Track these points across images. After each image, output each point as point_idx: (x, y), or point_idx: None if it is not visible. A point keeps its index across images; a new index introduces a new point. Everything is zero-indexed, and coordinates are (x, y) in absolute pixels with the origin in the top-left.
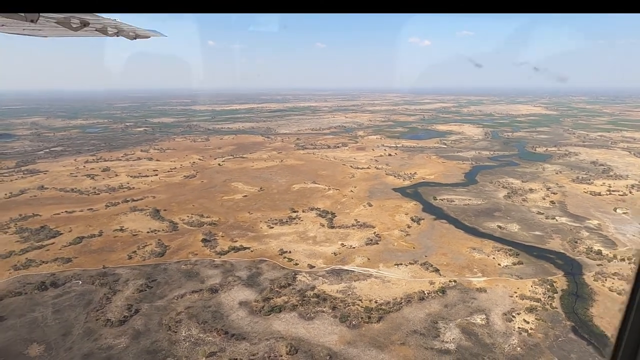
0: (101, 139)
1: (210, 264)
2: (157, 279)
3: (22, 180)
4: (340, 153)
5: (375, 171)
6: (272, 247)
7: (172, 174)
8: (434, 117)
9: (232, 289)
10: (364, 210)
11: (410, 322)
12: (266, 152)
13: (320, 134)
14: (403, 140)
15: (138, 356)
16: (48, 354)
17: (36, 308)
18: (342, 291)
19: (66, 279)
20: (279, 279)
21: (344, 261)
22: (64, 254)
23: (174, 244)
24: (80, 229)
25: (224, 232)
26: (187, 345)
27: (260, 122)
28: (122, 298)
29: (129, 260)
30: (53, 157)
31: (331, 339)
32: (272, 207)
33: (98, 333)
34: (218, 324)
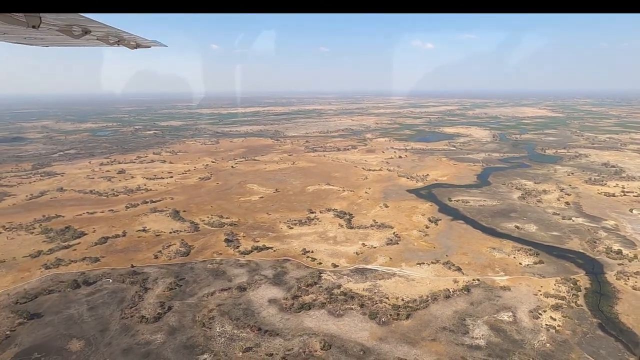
0: (113, 142)
1: (235, 263)
2: (185, 277)
3: (41, 182)
4: (351, 155)
5: (388, 173)
6: (294, 246)
7: (187, 176)
8: (440, 119)
9: (260, 287)
10: (380, 211)
11: (438, 319)
12: (277, 154)
13: (328, 137)
14: (412, 143)
15: (176, 351)
16: (88, 349)
17: (71, 305)
18: (368, 289)
19: (96, 277)
20: (305, 277)
21: (367, 260)
22: (91, 253)
23: (197, 244)
24: (104, 230)
25: (245, 232)
26: (222, 341)
27: (268, 125)
28: (154, 296)
29: (156, 260)
30: (68, 159)
31: (362, 335)
32: (290, 208)
33: (134, 329)
34: (250, 321)
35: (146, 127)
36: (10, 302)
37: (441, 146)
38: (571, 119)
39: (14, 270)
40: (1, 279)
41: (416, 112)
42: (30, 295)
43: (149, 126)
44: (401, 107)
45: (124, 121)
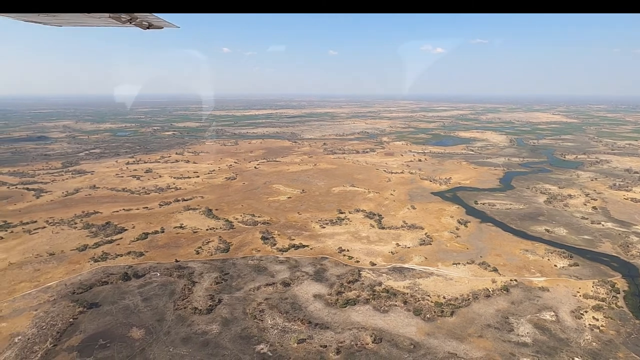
0: (134, 142)
1: (274, 260)
2: (229, 272)
3: (73, 180)
4: (370, 158)
5: (410, 176)
6: (329, 245)
7: (213, 176)
8: (453, 124)
9: (303, 283)
10: (408, 212)
11: (482, 316)
12: (297, 156)
13: (345, 140)
14: (429, 146)
15: (233, 341)
16: (149, 337)
17: (125, 296)
18: (409, 287)
19: (144, 270)
20: (345, 274)
21: (403, 260)
22: (134, 248)
23: (235, 241)
24: (143, 226)
25: (279, 231)
26: (275, 332)
27: (283, 127)
28: (202, 289)
29: (197, 255)
30: (94, 158)
31: (410, 330)
32: (318, 208)
33: (190, 320)
34: (299, 314)
35: (164, 128)
36: (68, 292)
37: (459, 150)
38: (587, 125)
39: (65, 262)
40: (54, 270)
41: (428, 116)
42: (85, 286)
43: (167, 127)
44: (413, 111)
45: (141, 122)
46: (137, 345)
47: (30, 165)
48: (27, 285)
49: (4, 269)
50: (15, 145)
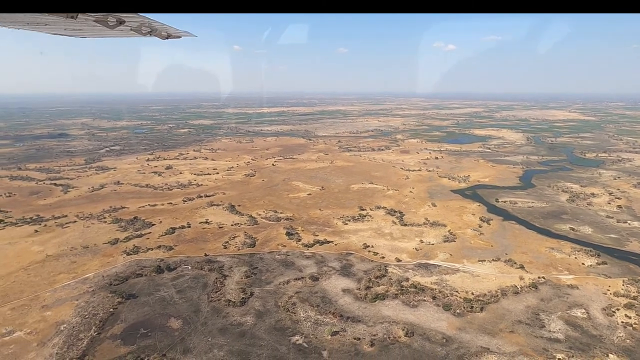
0: (152, 139)
1: (301, 255)
2: (257, 266)
3: (97, 176)
4: (386, 155)
5: (428, 173)
6: (353, 241)
7: (232, 173)
8: (467, 121)
9: (331, 277)
10: (429, 210)
11: (511, 313)
12: (313, 153)
13: (359, 137)
14: (445, 144)
15: (268, 332)
16: (188, 328)
17: (160, 288)
18: (436, 283)
19: (176, 264)
20: (372, 270)
21: (428, 256)
22: (163, 242)
23: (260, 236)
24: (169, 221)
25: (303, 227)
26: (309, 324)
27: (296, 124)
28: (233, 282)
29: (225, 250)
30: (115, 155)
31: (441, 324)
32: (339, 205)
33: (224, 311)
34: (330, 308)
35: (179, 125)
36: (105, 284)
37: (475, 148)
38: (605, 123)
39: (99, 255)
40: (90, 263)
41: (441, 113)
42: (121, 278)
43: (182, 125)
44: (425, 109)
45: (156, 119)
46: (177, 334)
47: (54, 161)
48: (65, 276)
49: (42, 261)
50: (38, 142)
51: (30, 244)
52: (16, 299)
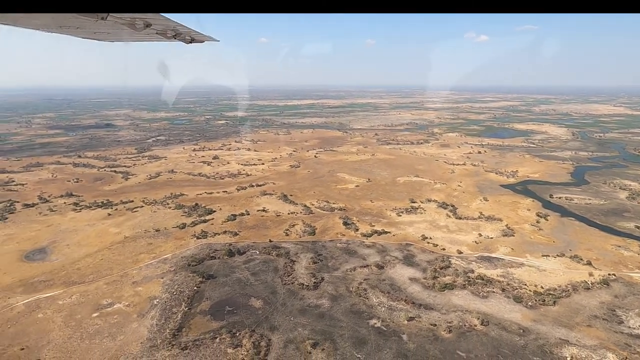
0: (193, 130)
1: (361, 244)
2: (321, 253)
3: (151, 164)
4: (426, 149)
5: (473, 168)
6: (410, 233)
7: (277, 164)
8: (505, 116)
9: (395, 266)
10: (482, 204)
11: (586, 308)
12: (352, 146)
13: (395, 130)
14: (485, 139)
15: (345, 315)
16: (269, 307)
17: (235, 270)
18: (502, 276)
19: (244, 248)
20: (434, 261)
21: (489, 249)
22: (227, 228)
23: (318, 225)
24: (228, 208)
25: (357, 217)
26: (383, 309)
27: (329, 117)
28: (302, 267)
29: (287, 237)
30: (162, 145)
31: (514, 316)
32: (389, 197)
33: (300, 294)
34: (401, 295)
35: (215, 117)
36: (184, 264)
37: (518, 143)
38: None
39: (171, 238)
40: (165, 245)
41: (476, 107)
42: (197, 259)
43: (218, 116)
44: (457, 102)
45: (192, 111)
46: (260, 313)
47: (108, 150)
48: (146, 256)
49: (122, 242)
50: (89, 131)
51: (107, 226)
52: (107, 275)
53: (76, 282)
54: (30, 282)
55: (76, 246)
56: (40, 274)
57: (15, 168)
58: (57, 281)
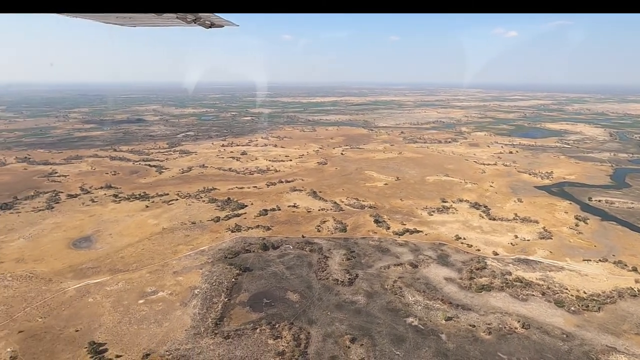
0: (220, 126)
1: (393, 242)
2: (354, 250)
3: (182, 159)
4: (455, 148)
5: (505, 168)
6: (443, 232)
7: (304, 160)
8: (536, 115)
9: (429, 266)
10: (516, 205)
11: (633, 315)
12: (378, 144)
13: (421, 129)
14: (516, 138)
15: (382, 312)
16: (305, 301)
17: (270, 264)
18: (542, 279)
19: (277, 243)
20: (469, 261)
21: (526, 252)
22: (260, 222)
23: (349, 222)
24: (259, 203)
25: (388, 215)
26: (419, 308)
27: (353, 114)
28: (335, 263)
29: (319, 233)
30: (192, 140)
31: (557, 320)
32: (419, 196)
33: (335, 290)
34: (437, 294)
35: (240, 113)
36: (221, 256)
37: (551, 143)
38: None
39: (207, 230)
40: (201, 237)
41: (504, 105)
42: (233, 252)
43: (243, 113)
44: (484, 100)
45: (218, 107)
46: (297, 306)
47: (141, 144)
48: (184, 247)
49: (161, 233)
50: (122, 126)
51: (146, 217)
52: (149, 264)
53: (121, 270)
54: (79, 268)
55: (118, 236)
56: (87, 261)
57: (57, 160)
58: (104, 268)
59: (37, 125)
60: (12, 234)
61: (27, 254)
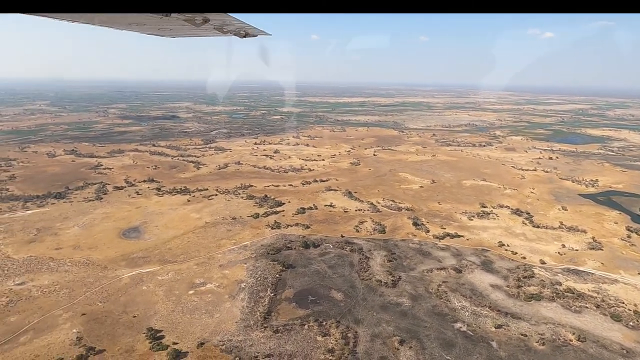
0: (251, 124)
1: (434, 246)
2: (395, 252)
3: (217, 155)
4: (490, 152)
5: (546, 174)
6: (485, 238)
7: (337, 160)
8: (574, 119)
9: (474, 271)
10: (560, 213)
11: None
12: (410, 146)
13: (453, 131)
14: (555, 144)
15: (428, 315)
16: (350, 301)
17: (312, 262)
18: (595, 291)
19: (317, 241)
20: (515, 269)
21: (575, 262)
22: (298, 220)
23: (387, 224)
24: (296, 202)
25: (426, 218)
26: (467, 314)
27: (382, 115)
28: (377, 264)
29: (358, 233)
30: (225, 137)
31: (614, 335)
32: (456, 200)
33: (379, 291)
34: (484, 301)
35: (270, 112)
36: (263, 252)
37: (594, 149)
38: None
39: (247, 226)
40: (243, 232)
41: (539, 109)
42: (275, 249)
43: (272, 112)
44: (517, 104)
45: (247, 106)
46: (342, 305)
47: (177, 140)
48: (227, 242)
49: (204, 227)
50: (158, 122)
51: (188, 211)
52: (195, 256)
53: (169, 260)
54: (130, 257)
55: (164, 228)
56: (137, 251)
57: (101, 153)
58: (153, 258)
59: (80, 119)
60: (67, 222)
61: (82, 242)
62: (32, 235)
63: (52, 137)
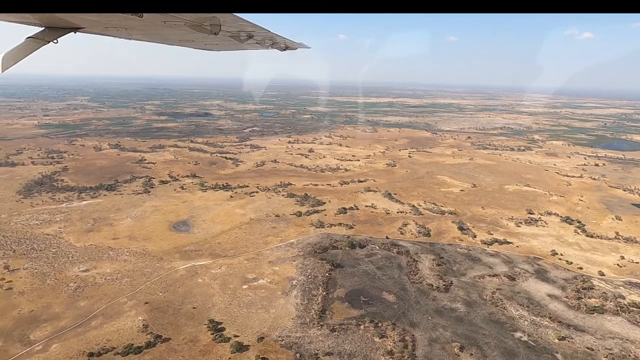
0: (283, 123)
1: (483, 251)
2: (443, 256)
3: (254, 153)
4: (530, 157)
5: (593, 182)
6: (536, 246)
7: (372, 161)
8: (617, 124)
9: (528, 280)
10: (614, 223)
11: None
12: (445, 148)
13: (489, 135)
14: (600, 150)
15: (486, 322)
16: (403, 303)
17: (359, 262)
18: None
19: (363, 242)
20: (572, 280)
21: (637, 275)
22: (341, 220)
23: (431, 227)
24: (336, 201)
25: (471, 223)
26: (526, 323)
27: (412, 116)
28: (426, 268)
29: (402, 235)
30: (259, 135)
31: None
32: (501, 205)
33: (431, 295)
34: (542, 311)
35: (299, 111)
36: (310, 250)
37: None
38: None
39: (291, 224)
40: (287, 230)
41: (577, 113)
42: (321, 247)
43: (302, 111)
44: (554, 107)
45: (276, 104)
46: (396, 307)
47: (213, 137)
48: (273, 239)
49: (249, 223)
50: (193, 119)
51: (232, 207)
52: (244, 252)
53: (220, 255)
54: (183, 250)
55: (211, 222)
56: (189, 244)
57: (143, 148)
58: (205, 252)
59: (120, 115)
60: (120, 213)
61: (136, 233)
62: (90, 225)
63: (96, 131)
